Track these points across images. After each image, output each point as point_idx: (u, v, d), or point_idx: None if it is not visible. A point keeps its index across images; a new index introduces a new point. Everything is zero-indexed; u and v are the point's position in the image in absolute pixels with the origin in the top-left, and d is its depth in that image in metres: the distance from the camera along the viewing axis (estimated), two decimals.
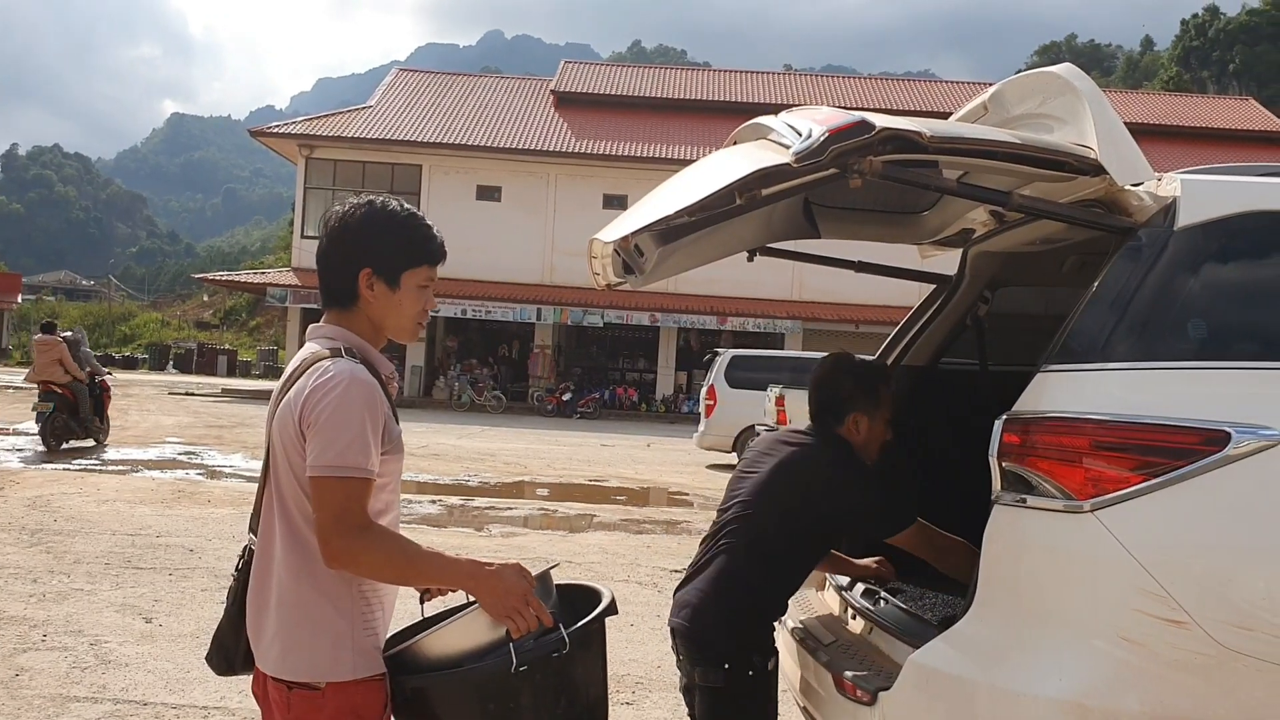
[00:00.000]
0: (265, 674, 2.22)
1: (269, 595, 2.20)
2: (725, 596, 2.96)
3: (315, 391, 2.09)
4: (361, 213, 2.23)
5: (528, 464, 16.84)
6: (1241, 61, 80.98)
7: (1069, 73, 2.82)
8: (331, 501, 2.06)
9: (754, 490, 3.11)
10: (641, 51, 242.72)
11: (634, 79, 42.94)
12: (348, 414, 2.07)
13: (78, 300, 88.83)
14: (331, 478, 2.06)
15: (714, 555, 3.06)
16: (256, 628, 2.23)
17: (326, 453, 2.06)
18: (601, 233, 2.78)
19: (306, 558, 2.15)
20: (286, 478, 2.16)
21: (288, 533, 2.17)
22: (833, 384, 3.25)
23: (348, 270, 2.22)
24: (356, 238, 2.22)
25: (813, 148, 2.38)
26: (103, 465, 13.87)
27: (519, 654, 2.10)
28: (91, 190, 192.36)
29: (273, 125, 39.92)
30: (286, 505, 2.17)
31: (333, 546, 2.06)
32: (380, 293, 2.23)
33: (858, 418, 3.19)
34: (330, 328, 2.26)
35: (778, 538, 2.99)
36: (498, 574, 2.14)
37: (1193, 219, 2.50)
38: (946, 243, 3.84)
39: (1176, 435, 2.31)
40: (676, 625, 3.04)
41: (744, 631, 2.94)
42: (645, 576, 8.38)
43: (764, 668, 2.93)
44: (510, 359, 37.29)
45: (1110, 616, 2.28)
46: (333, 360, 2.15)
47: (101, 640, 5.72)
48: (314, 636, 2.14)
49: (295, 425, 2.11)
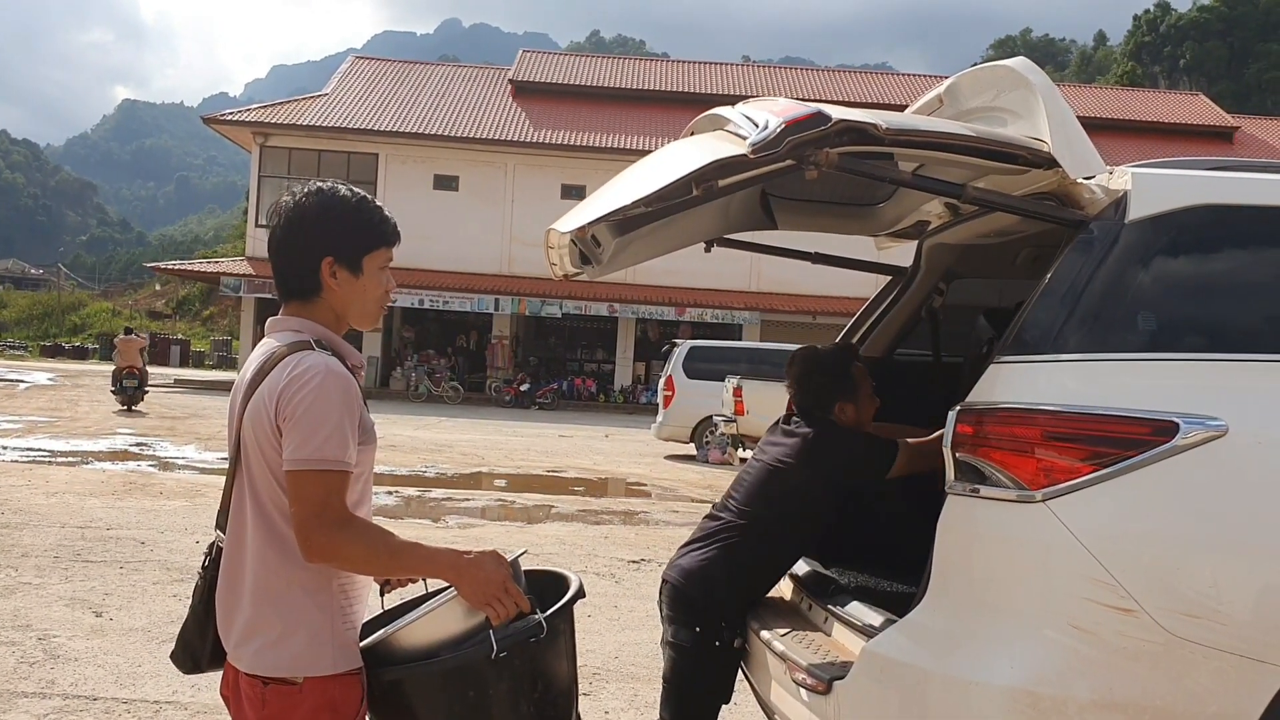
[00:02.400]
0: (237, 671, 2.18)
1: (241, 592, 2.16)
2: (717, 568, 3.24)
3: (290, 385, 2.06)
4: (314, 200, 2.19)
5: (485, 455, 16.78)
6: (1192, 57, 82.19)
7: (1023, 66, 2.84)
8: (311, 496, 2.03)
9: (758, 477, 3.36)
10: (600, 41, 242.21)
11: (593, 69, 42.81)
12: (325, 407, 2.05)
13: (26, 289, 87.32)
14: (310, 471, 2.03)
15: (718, 530, 3.33)
16: (228, 625, 2.19)
17: (304, 447, 2.03)
18: (558, 223, 2.77)
19: (283, 553, 2.12)
20: (261, 473, 2.12)
21: (262, 528, 2.13)
22: (807, 383, 3.44)
23: (308, 261, 2.18)
24: (314, 227, 2.18)
25: (769, 139, 2.38)
26: (52, 457, 13.65)
27: (499, 641, 2.10)
28: (40, 177, 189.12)
29: (227, 112, 39.36)
30: (261, 501, 2.13)
31: (314, 541, 2.04)
32: (344, 280, 2.20)
33: (842, 406, 3.40)
34: (294, 320, 2.22)
35: (774, 521, 3.26)
36: (477, 562, 2.13)
37: (1143, 212, 2.53)
38: (902, 235, 3.86)
39: (1126, 426, 2.34)
40: (669, 578, 3.32)
41: (723, 603, 3.21)
42: (603, 567, 8.38)
43: (729, 642, 3.20)
44: (468, 350, 37.13)
45: (1061, 605, 2.30)
46: (304, 353, 2.11)
47: (50, 634, 5.63)
48: (292, 631, 2.11)
49: (270, 420, 2.08)
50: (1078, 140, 2.64)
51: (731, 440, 17.15)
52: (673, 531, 10.43)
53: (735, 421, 16.56)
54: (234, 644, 2.17)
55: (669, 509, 12.18)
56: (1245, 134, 40.66)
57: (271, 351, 2.16)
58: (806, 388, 3.44)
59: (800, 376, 3.45)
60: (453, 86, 39.93)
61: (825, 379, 3.41)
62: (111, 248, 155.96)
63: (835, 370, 3.43)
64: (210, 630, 2.23)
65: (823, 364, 3.45)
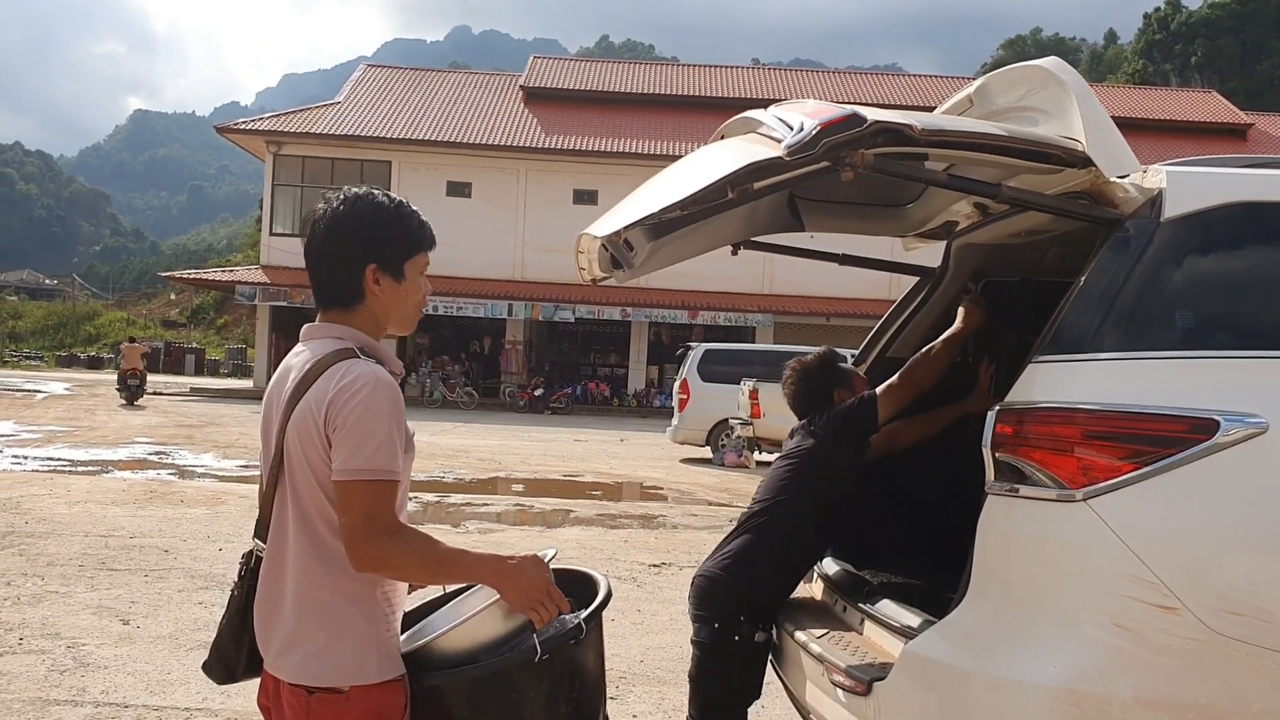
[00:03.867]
0: (278, 680, 2.18)
1: (282, 602, 2.15)
2: (737, 563, 3.33)
3: (340, 395, 2.06)
4: (354, 208, 2.18)
5: (502, 460, 16.81)
6: (1203, 54, 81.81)
7: (1055, 66, 2.84)
8: (360, 505, 2.03)
9: (775, 473, 3.50)
10: (609, 46, 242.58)
11: (603, 74, 42.87)
12: (374, 417, 2.05)
13: (41, 300, 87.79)
14: (360, 481, 2.03)
15: (744, 531, 3.43)
16: (267, 634, 2.18)
17: (355, 457, 2.03)
18: (592, 227, 2.78)
19: (327, 562, 2.12)
20: (307, 483, 2.11)
21: (306, 538, 2.13)
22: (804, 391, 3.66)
23: (351, 268, 2.17)
24: (356, 234, 2.16)
25: (804, 141, 2.39)
26: (72, 466, 13.72)
27: (542, 644, 2.12)
28: (54, 188, 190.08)
29: (239, 121, 39.58)
30: (305, 511, 2.12)
31: (364, 551, 2.04)
32: (386, 286, 2.19)
33: (840, 394, 3.57)
34: (336, 327, 2.20)
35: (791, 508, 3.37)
36: (520, 567, 2.12)
37: (1179, 210, 2.53)
38: (930, 235, 3.86)
39: (1166, 424, 2.34)
40: (695, 578, 3.43)
41: (741, 597, 3.28)
42: (624, 571, 8.38)
43: (750, 636, 3.26)
44: (482, 355, 37.20)
45: (1103, 603, 2.30)
46: (351, 362, 2.11)
47: (79, 643, 5.66)
48: (337, 640, 2.11)
49: (319, 430, 2.07)
50: (1112, 139, 2.65)
51: (748, 443, 17.15)
52: (692, 535, 10.43)
53: (752, 424, 16.55)
54: (275, 654, 2.17)
55: (687, 512, 12.18)
56: (1259, 131, 40.51)
57: (314, 360, 2.14)
58: (804, 396, 3.65)
59: (796, 392, 3.68)
60: (464, 93, 40.03)
61: (818, 380, 3.62)
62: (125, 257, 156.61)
63: (823, 369, 3.64)
64: (246, 640, 2.23)
65: (809, 369, 3.67)
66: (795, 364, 3.70)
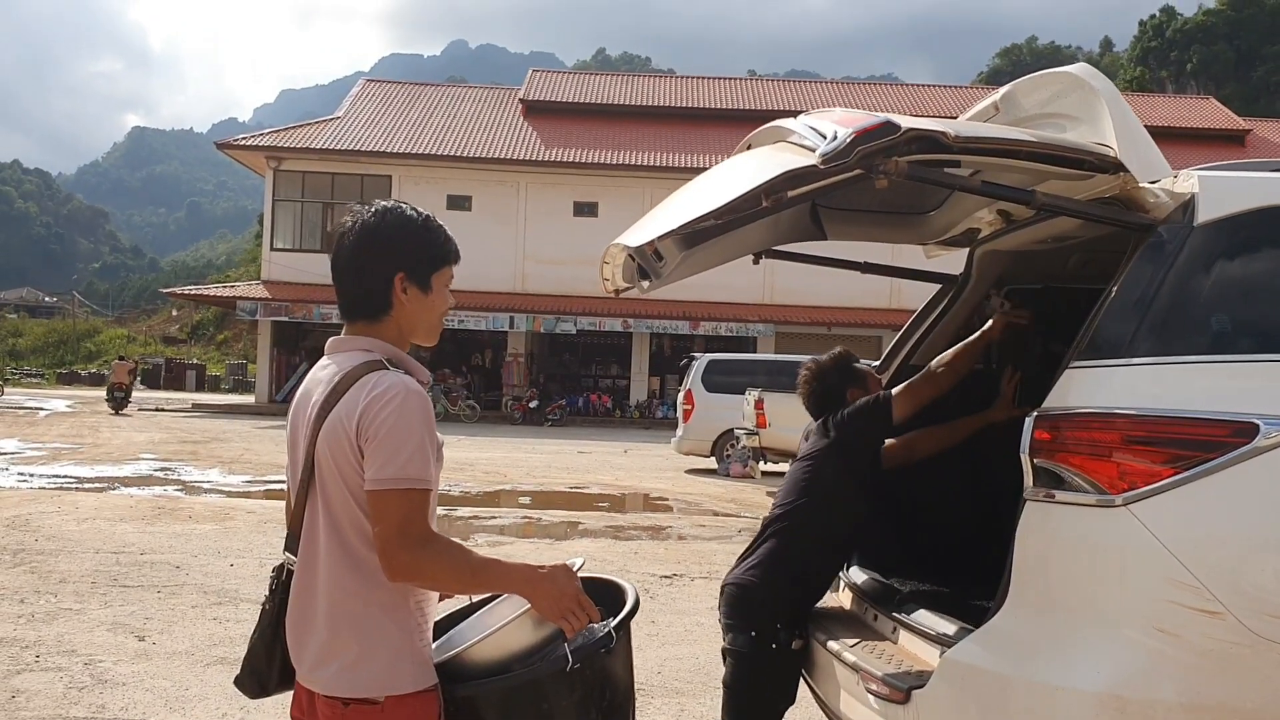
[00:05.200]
0: (311, 693, 2.18)
1: (315, 614, 2.16)
2: (766, 568, 3.32)
3: (371, 405, 2.06)
4: (383, 220, 2.20)
5: (507, 472, 16.79)
6: (1199, 61, 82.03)
7: (1084, 72, 2.85)
8: (395, 515, 2.03)
9: (793, 474, 3.48)
10: (606, 59, 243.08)
11: (602, 87, 42.95)
12: (407, 426, 2.06)
13: (40, 317, 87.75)
14: (393, 491, 2.04)
15: (767, 537, 3.41)
16: (301, 647, 2.18)
17: (388, 466, 2.04)
18: (623, 237, 2.78)
19: (360, 574, 2.12)
20: (339, 495, 2.12)
21: (338, 550, 2.13)
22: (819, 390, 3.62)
23: (380, 277, 2.19)
24: (386, 244, 2.19)
25: (839, 149, 2.39)
26: (79, 483, 13.70)
27: (573, 653, 2.13)
28: (52, 206, 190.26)
29: (238, 138, 39.62)
30: (337, 522, 2.13)
31: (398, 560, 2.04)
32: (413, 296, 2.21)
33: (853, 392, 3.56)
34: (362, 339, 2.22)
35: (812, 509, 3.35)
36: (551, 576, 2.13)
37: (1212, 215, 2.53)
38: (952, 242, 3.86)
39: (1205, 428, 2.33)
40: (725, 585, 3.41)
41: (776, 603, 3.28)
42: (636, 583, 8.30)
43: (787, 644, 3.24)
44: (483, 368, 37.18)
45: (1145, 608, 2.30)
46: (382, 373, 2.12)
47: (96, 660, 5.65)
48: (372, 651, 2.11)
49: (351, 441, 2.07)
50: (1144, 144, 2.65)
51: (753, 453, 17.12)
52: (701, 546, 10.41)
53: (757, 434, 16.53)
54: (309, 667, 2.16)
55: (695, 523, 12.15)
56: (1257, 137, 40.59)
57: (342, 372, 2.15)
58: (818, 395, 3.63)
59: (810, 392, 3.66)
60: (463, 107, 40.10)
61: (832, 378, 3.60)
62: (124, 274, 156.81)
63: (837, 368, 3.63)
64: (278, 654, 2.22)
65: (823, 368, 3.65)
66: (811, 364, 3.71)
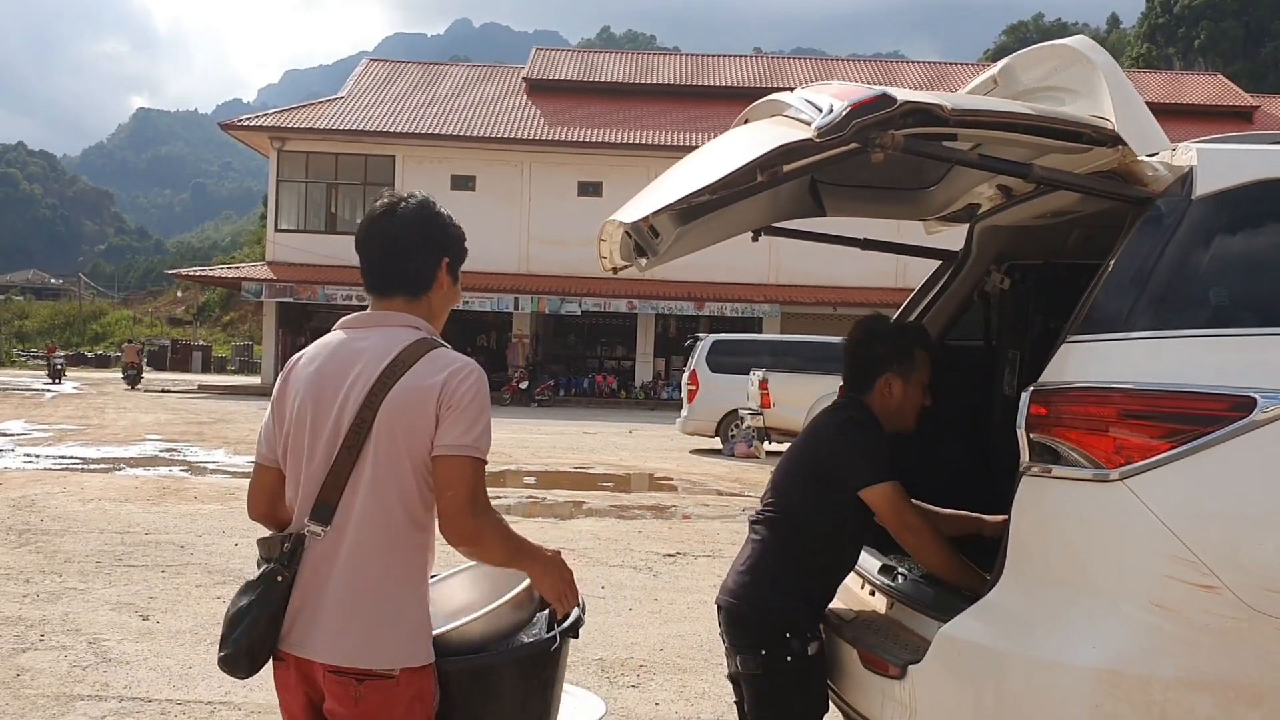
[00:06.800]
0: (311, 669, 2.18)
1: (335, 584, 2.16)
2: (761, 577, 2.96)
3: (453, 377, 2.17)
4: (426, 208, 2.31)
5: (512, 453, 16.80)
6: (1207, 37, 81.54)
7: (1083, 45, 2.82)
8: (468, 481, 2.14)
9: (783, 469, 3.13)
10: (610, 37, 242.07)
11: (606, 65, 42.78)
12: (484, 402, 2.19)
13: (47, 299, 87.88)
14: (469, 458, 2.14)
15: (753, 538, 3.06)
16: (313, 619, 2.18)
17: (468, 434, 2.14)
18: (618, 214, 2.76)
19: (397, 548, 2.17)
20: (398, 464, 2.15)
21: (382, 523, 2.16)
22: (864, 348, 3.14)
23: (431, 257, 2.30)
24: (437, 227, 2.31)
25: (835, 122, 2.37)
26: (84, 464, 13.74)
27: (561, 632, 2.34)
28: (58, 188, 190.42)
29: (242, 118, 39.58)
30: (389, 492, 2.16)
31: (465, 525, 2.14)
32: (447, 283, 2.35)
33: (890, 379, 3.08)
34: (407, 316, 2.29)
35: (804, 514, 2.99)
36: (556, 561, 2.31)
37: (1210, 188, 2.50)
38: (952, 218, 3.84)
39: (1203, 402, 2.32)
40: (719, 601, 3.04)
41: (780, 611, 2.91)
42: (639, 561, 8.39)
43: (802, 652, 2.87)
44: (489, 349, 37.19)
45: (1141, 583, 2.29)
46: (448, 350, 2.24)
47: (100, 638, 5.67)
48: (396, 625, 2.16)
49: (431, 409, 2.14)
50: (1142, 117, 2.63)
51: (758, 433, 17.13)
52: (705, 525, 10.43)
53: (762, 414, 16.54)
54: (322, 639, 2.16)
55: (699, 502, 12.17)
56: (1265, 113, 40.35)
57: (404, 345, 2.19)
58: (859, 356, 3.14)
59: (855, 344, 3.16)
60: (467, 86, 39.98)
61: (886, 347, 3.12)
62: (130, 256, 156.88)
63: (899, 342, 3.15)
64: (280, 627, 2.21)
65: (888, 332, 3.20)
66: (876, 317, 3.26)
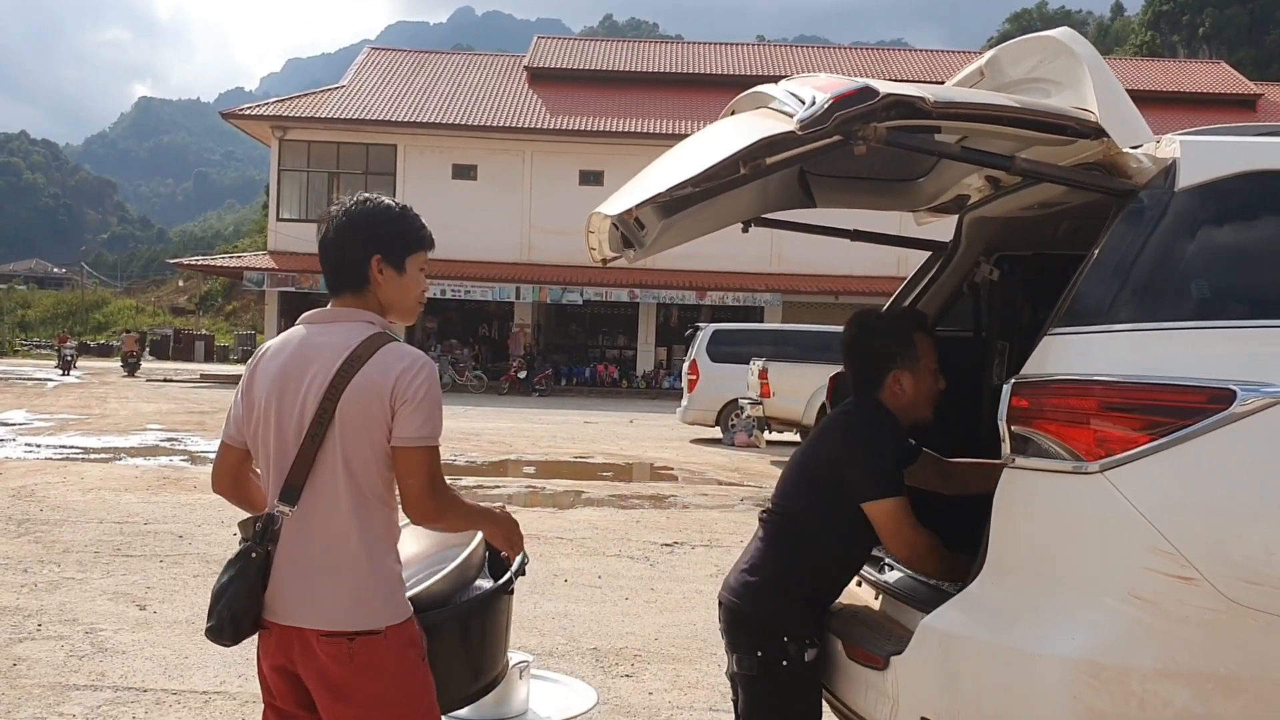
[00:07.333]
0: (302, 637, 2.37)
1: (319, 557, 2.38)
2: (763, 579, 2.90)
3: (406, 372, 2.36)
4: (363, 207, 2.49)
5: (513, 443, 16.84)
6: (1211, 25, 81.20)
7: (1067, 36, 2.82)
8: (427, 468, 2.38)
9: (791, 469, 3.06)
10: (614, 25, 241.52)
11: (608, 53, 42.70)
12: (435, 392, 2.40)
13: (50, 289, 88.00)
14: (427, 447, 2.38)
15: (759, 536, 3.02)
16: (298, 591, 2.38)
17: (424, 426, 2.36)
18: (602, 206, 2.77)
19: (371, 519, 2.41)
20: (360, 450, 2.37)
21: (355, 499, 2.38)
22: (861, 348, 3.06)
23: (361, 255, 2.46)
24: (365, 227, 2.47)
25: (817, 115, 2.37)
26: (85, 454, 13.78)
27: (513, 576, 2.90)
28: (60, 177, 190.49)
29: (244, 107, 39.56)
30: (354, 474, 2.37)
31: (429, 506, 2.40)
32: (389, 276, 2.48)
33: (898, 375, 2.98)
34: (361, 312, 2.47)
35: (808, 518, 2.92)
36: (504, 517, 2.67)
37: (1193, 180, 2.50)
38: (942, 209, 3.84)
39: (1182, 395, 2.32)
40: (721, 598, 3.00)
41: (779, 614, 2.86)
42: (637, 551, 8.41)
43: (799, 657, 2.81)
44: (490, 338, 37.23)
45: (1121, 575, 2.29)
46: (400, 344, 2.42)
47: (97, 628, 5.70)
48: (377, 585, 2.39)
49: (384, 401, 2.35)
50: (1125, 109, 2.63)
51: (758, 423, 17.15)
52: (703, 514, 10.45)
53: (762, 404, 16.55)
54: (311, 607, 2.37)
55: (698, 492, 12.20)
56: (1269, 101, 40.25)
57: (360, 340, 2.39)
58: (859, 354, 3.05)
59: (853, 341, 3.07)
60: (469, 75, 39.92)
61: (883, 342, 3.01)
62: (132, 245, 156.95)
63: (895, 332, 3.03)
64: (258, 600, 2.41)
65: (882, 326, 3.08)
66: (868, 312, 3.16)
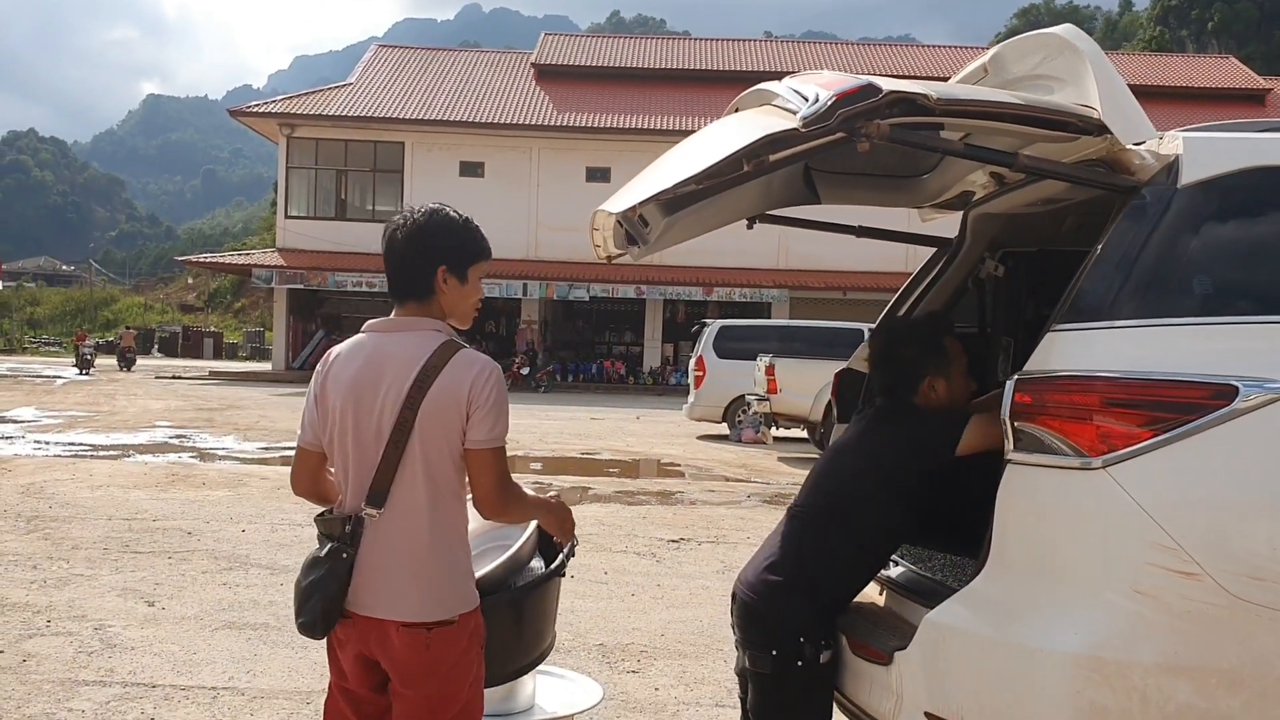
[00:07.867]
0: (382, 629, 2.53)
1: (402, 555, 2.54)
2: (781, 575, 2.89)
3: (479, 379, 2.53)
4: (430, 220, 2.63)
5: (520, 439, 16.84)
6: (1220, 19, 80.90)
7: (1070, 33, 2.82)
8: (498, 467, 2.57)
9: (820, 471, 3.06)
10: (620, 22, 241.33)
11: (615, 50, 42.67)
12: (503, 396, 2.57)
13: (58, 286, 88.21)
14: (500, 448, 2.57)
15: (780, 534, 3.01)
16: (383, 586, 2.54)
17: (495, 428, 2.54)
18: (607, 204, 2.77)
19: (447, 515, 2.58)
20: (439, 453, 2.53)
21: (432, 498, 2.55)
22: (892, 357, 3.10)
23: (427, 267, 2.60)
24: (430, 240, 2.61)
25: (820, 112, 2.38)
26: (94, 451, 13.83)
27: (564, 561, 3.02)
28: (68, 174, 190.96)
29: (252, 104, 39.63)
30: (433, 476, 2.54)
31: (500, 502, 2.60)
32: (452, 286, 2.63)
33: (932, 382, 3.02)
34: (428, 320, 2.62)
35: (833, 513, 2.92)
36: (560, 506, 2.85)
37: (1196, 176, 2.51)
38: (947, 206, 3.84)
39: (1185, 390, 2.33)
40: (736, 592, 2.99)
41: (795, 613, 2.84)
42: (643, 547, 8.42)
43: (814, 659, 2.81)
44: (498, 335, 37.27)
45: (1123, 570, 2.30)
46: (471, 350, 2.59)
47: (105, 625, 5.73)
48: (454, 578, 2.59)
49: (461, 407, 2.52)
50: (1128, 105, 2.63)
51: (765, 419, 17.14)
52: (710, 511, 10.46)
53: (768, 400, 16.52)
54: (395, 601, 2.53)
55: (705, 488, 12.20)
56: (1278, 96, 40.07)
57: (432, 349, 2.54)
58: (891, 362, 3.08)
59: (883, 351, 3.11)
60: (476, 72, 39.93)
61: (914, 350, 3.04)
62: (141, 242, 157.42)
63: (926, 340, 3.06)
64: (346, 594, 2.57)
65: (911, 335, 3.13)
66: (895, 320, 3.20)
